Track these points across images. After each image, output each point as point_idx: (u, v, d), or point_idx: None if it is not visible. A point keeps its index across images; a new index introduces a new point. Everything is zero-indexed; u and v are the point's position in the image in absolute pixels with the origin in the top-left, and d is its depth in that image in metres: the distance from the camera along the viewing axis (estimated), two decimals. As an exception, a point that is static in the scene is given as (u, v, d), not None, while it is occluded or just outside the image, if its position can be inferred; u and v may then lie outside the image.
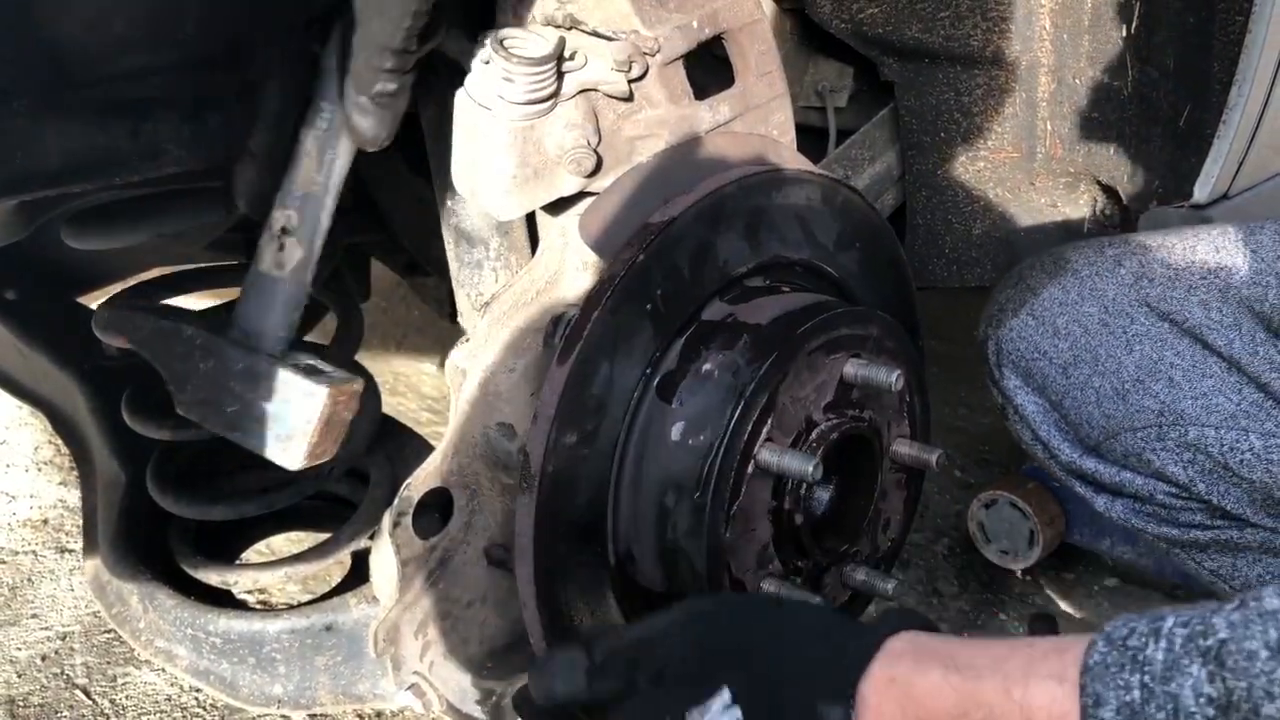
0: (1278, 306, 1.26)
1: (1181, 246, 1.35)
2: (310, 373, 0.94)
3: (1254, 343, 1.27)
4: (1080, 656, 0.73)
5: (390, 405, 1.55)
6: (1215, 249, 1.32)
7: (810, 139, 1.70)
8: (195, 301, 1.58)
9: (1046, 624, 1.72)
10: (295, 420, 0.93)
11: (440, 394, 2.76)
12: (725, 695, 0.84)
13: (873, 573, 1.16)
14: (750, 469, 1.03)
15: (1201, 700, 0.67)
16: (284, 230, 0.96)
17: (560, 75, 1.05)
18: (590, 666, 0.91)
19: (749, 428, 1.03)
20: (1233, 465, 1.24)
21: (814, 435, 1.08)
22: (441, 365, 2.89)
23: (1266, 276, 1.28)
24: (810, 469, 1.01)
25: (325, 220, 0.96)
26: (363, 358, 1.53)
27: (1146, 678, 0.69)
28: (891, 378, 1.08)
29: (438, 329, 3.00)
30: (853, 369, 1.09)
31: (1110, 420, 1.33)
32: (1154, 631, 0.71)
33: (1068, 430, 1.39)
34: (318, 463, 0.98)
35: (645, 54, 1.08)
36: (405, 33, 0.92)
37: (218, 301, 1.41)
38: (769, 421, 1.04)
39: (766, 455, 1.03)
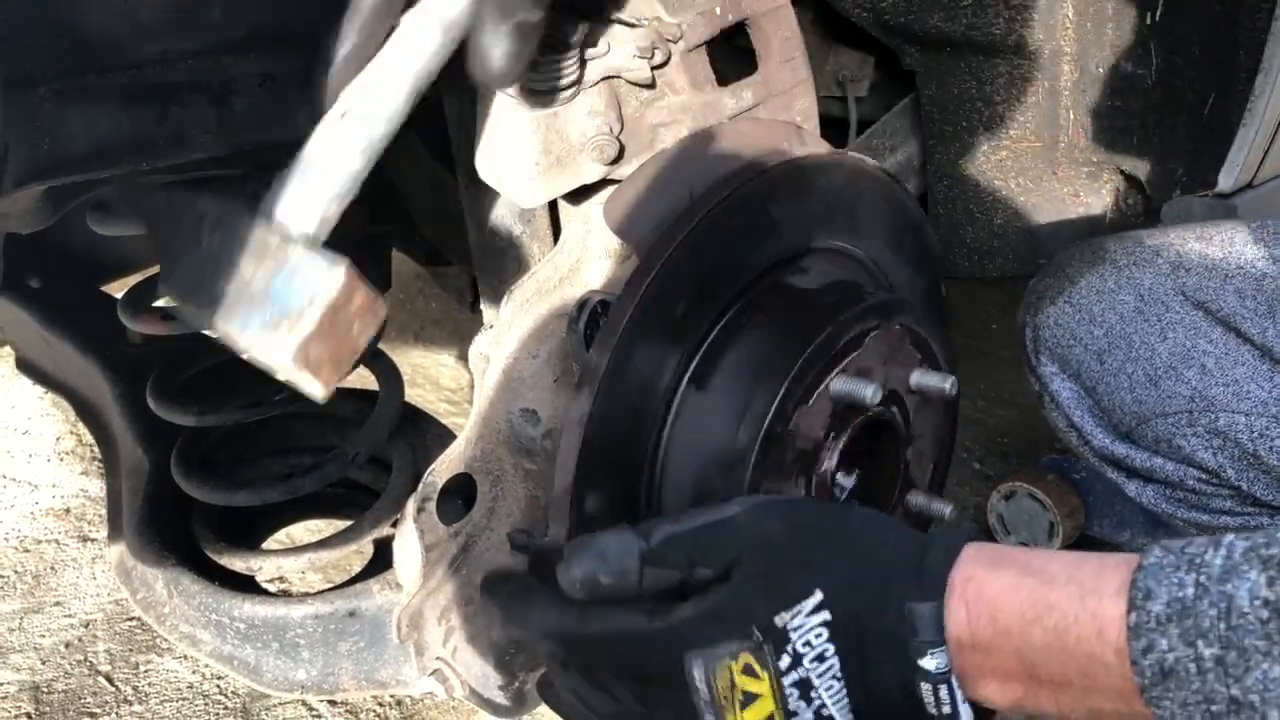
0: None
1: (1220, 238, 1.35)
2: (333, 259, 0.78)
3: None
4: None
5: (409, 397, 1.55)
6: (1253, 240, 1.32)
7: (831, 129, 1.69)
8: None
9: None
10: (295, 299, 0.75)
11: (458, 386, 2.77)
12: (816, 597, 0.79)
13: (930, 495, 1.17)
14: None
15: (1257, 603, 0.67)
16: (343, 115, 0.83)
17: (583, 63, 1.05)
18: (646, 551, 0.82)
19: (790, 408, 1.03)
20: (1262, 452, 1.25)
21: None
22: (460, 358, 2.90)
23: None
24: (870, 392, 1.03)
25: (395, 110, 0.82)
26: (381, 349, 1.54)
27: (1202, 577, 0.69)
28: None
29: (455, 322, 3.01)
30: (840, 384, 1.08)
31: (1142, 406, 1.34)
32: (1214, 542, 0.71)
33: (1101, 416, 1.40)
34: (306, 380, 0.79)
35: (668, 40, 1.08)
36: None
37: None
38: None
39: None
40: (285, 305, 0.76)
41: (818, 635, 0.78)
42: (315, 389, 0.79)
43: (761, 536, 0.82)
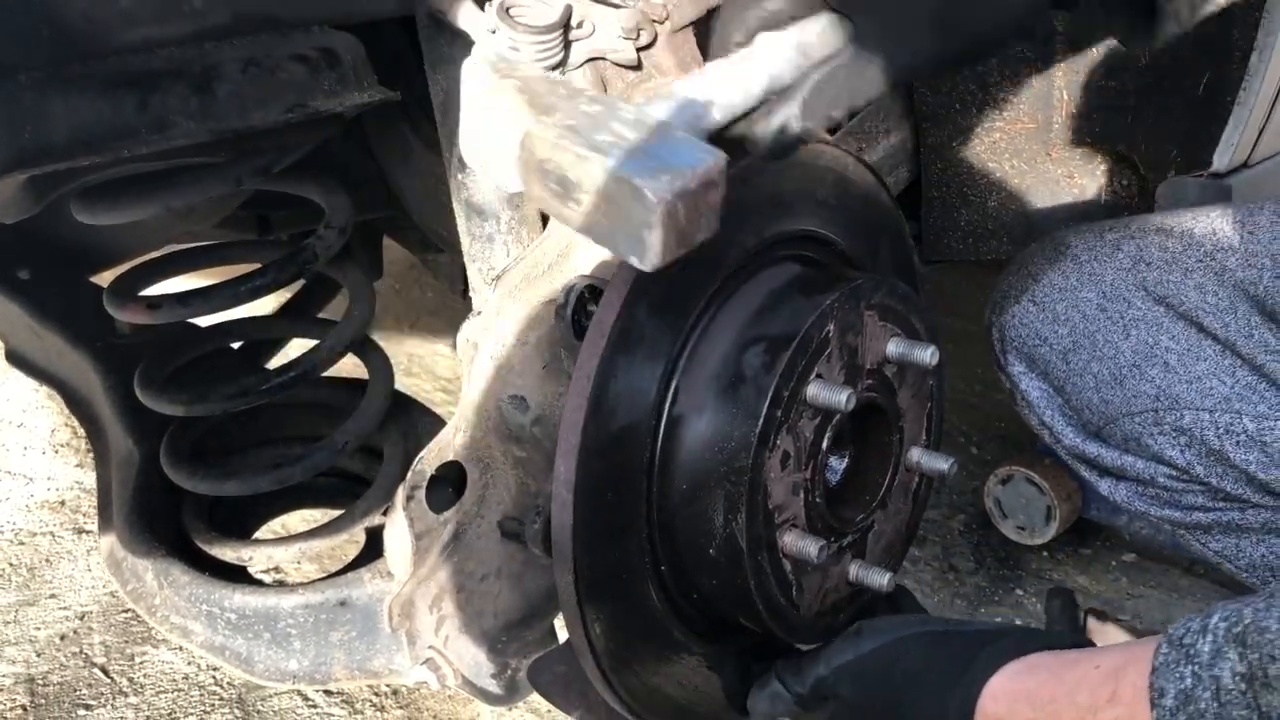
0: (1271, 289, 1.26)
1: (1180, 229, 1.34)
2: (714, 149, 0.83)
3: (1249, 325, 1.27)
4: (1149, 662, 0.86)
5: (405, 386, 1.55)
6: (1212, 231, 1.32)
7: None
8: (202, 279, 1.58)
9: (1064, 599, 1.72)
10: (679, 160, 0.80)
11: (454, 375, 2.77)
12: None
13: (928, 452, 1.17)
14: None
15: (1237, 678, 0.81)
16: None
17: (567, 44, 1.04)
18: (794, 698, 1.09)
19: (778, 416, 1.02)
20: (1228, 448, 1.25)
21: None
22: (455, 346, 2.89)
23: (1261, 259, 1.28)
24: (843, 398, 1.02)
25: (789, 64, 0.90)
26: (377, 339, 1.53)
27: (1196, 667, 0.83)
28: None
29: (451, 311, 3.00)
30: (814, 390, 1.07)
31: (1109, 406, 1.34)
32: (1203, 629, 0.85)
33: (1071, 415, 1.40)
34: (652, 239, 0.79)
35: (654, 21, 1.07)
36: None
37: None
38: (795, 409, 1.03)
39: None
40: (667, 162, 0.78)
41: None
42: (652, 255, 0.79)
43: (854, 689, 1.06)
